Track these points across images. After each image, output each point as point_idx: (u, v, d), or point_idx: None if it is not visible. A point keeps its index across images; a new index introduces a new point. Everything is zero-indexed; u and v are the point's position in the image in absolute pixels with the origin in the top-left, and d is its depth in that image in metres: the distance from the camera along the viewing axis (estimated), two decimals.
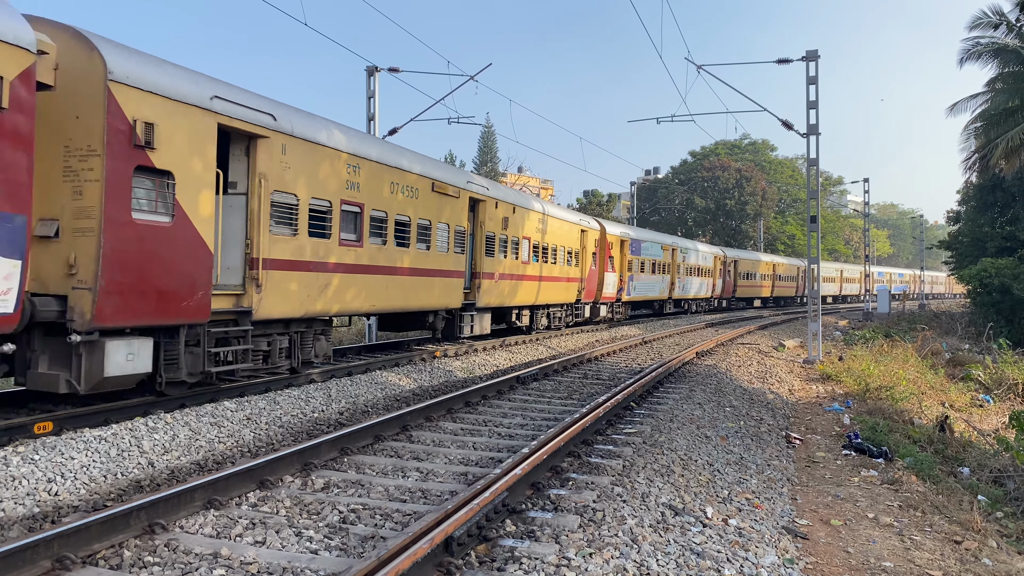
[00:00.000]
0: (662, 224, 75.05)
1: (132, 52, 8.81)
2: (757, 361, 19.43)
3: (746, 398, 13.42)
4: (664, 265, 35.42)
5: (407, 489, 6.82)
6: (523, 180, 66.18)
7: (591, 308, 27.25)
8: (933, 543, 6.55)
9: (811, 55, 20.76)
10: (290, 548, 5.30)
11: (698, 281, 40.89)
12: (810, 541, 6.27)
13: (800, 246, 76.48)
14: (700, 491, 7.00)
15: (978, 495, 8.78)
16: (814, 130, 20.92)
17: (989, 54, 29.19)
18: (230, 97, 10.11)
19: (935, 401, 15.38)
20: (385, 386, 12.57)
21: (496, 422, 10.03)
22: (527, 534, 5.59)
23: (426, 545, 4.81)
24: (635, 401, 11.62)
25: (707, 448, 8.88)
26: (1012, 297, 27.14)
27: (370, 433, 8.53)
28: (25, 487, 6.45)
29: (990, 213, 36.12)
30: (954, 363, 21.23)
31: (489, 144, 68.75)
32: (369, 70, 21.75)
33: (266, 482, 6.69)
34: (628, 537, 5.50)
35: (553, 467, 7.48)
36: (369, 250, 13.33)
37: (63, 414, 8.67)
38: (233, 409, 9.60)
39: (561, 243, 23.36)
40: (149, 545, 5.29)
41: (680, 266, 37.55)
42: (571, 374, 15.14)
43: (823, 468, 9.18)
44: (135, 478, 7.07)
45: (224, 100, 9.92)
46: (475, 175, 18.55)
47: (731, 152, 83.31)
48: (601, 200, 61.71)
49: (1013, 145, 24.78)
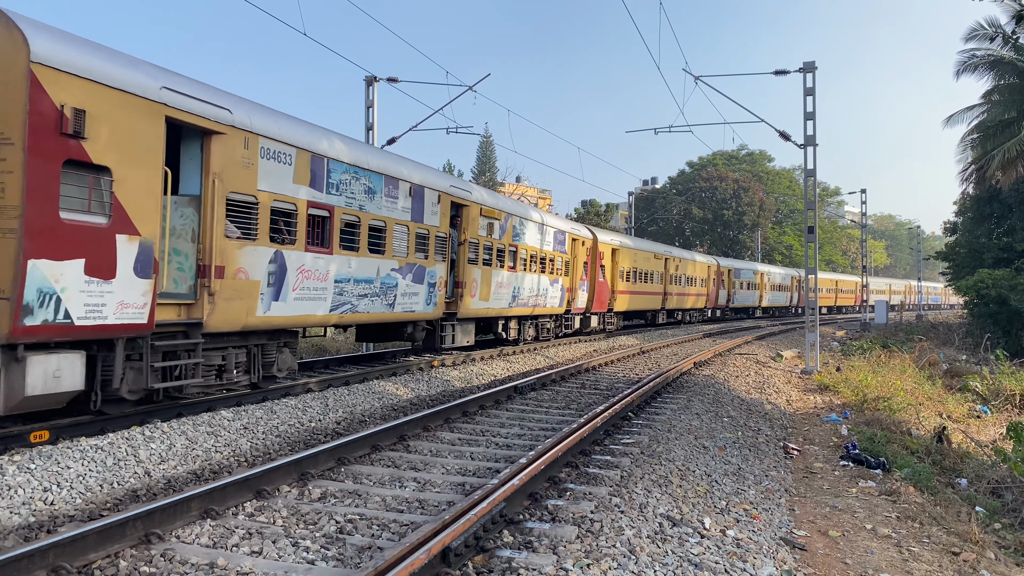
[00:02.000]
0: (660, 234, 75.18)
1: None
2: (755, 371, 19.44)
3: (744, 409, 13.41)
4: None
5: (404, 499, 6.80)
6: (521, 190, 66.30)
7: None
8: (931, 554, 6.54)
9: (808, 66, 20.86)
10: (287, 558, 5.28)
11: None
12: (808, 552, 6.25)
13: (798, 256, 76.65)
14: (698, 502, 6.99)
15: (976, 506, 8.76)
16: (811, 141, 21.00)
17: (985, 66, 29.36)
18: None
19: (933, 412, 15.38)
20: (382, 396, 12.55)
21: (494, 432, 10.01)
22: (525, 545, 5.58)
23: (423, 556, 4.80)
24: (633, 411, 11.61)
25: (705, 459, 8.87)
26: (1009, 308, 27.19)
27: (367, 443, 8.51)
28: (21, 496, 6.42)
29: (987, 224, 36.25)
30: (951, 374, 21.23)
31: (487, 154, 68.96)
32: (368, 80, 21.81)
33: (263, 492, 6.67)
34: (626, 548, 5.49)
35: (551, 477, 7.46)
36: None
37: (59, 423, 8.64)
38: (230, 418, 9.58)
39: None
40: (145, 555, 5.27)
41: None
42: (569, 384, 15.13)
43: (821, 479, 9.17)
44: (131, 487, 7.04)
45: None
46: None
47: (729, 163, 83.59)
48: (599, 210, 61.86)
49: (1010, 157, 24.88)
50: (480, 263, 18.05)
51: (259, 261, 10.58)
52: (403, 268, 14.46)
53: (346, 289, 12.69)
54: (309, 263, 11.70)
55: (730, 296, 46.86)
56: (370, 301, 13.45)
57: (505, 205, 20.10)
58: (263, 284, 10.67)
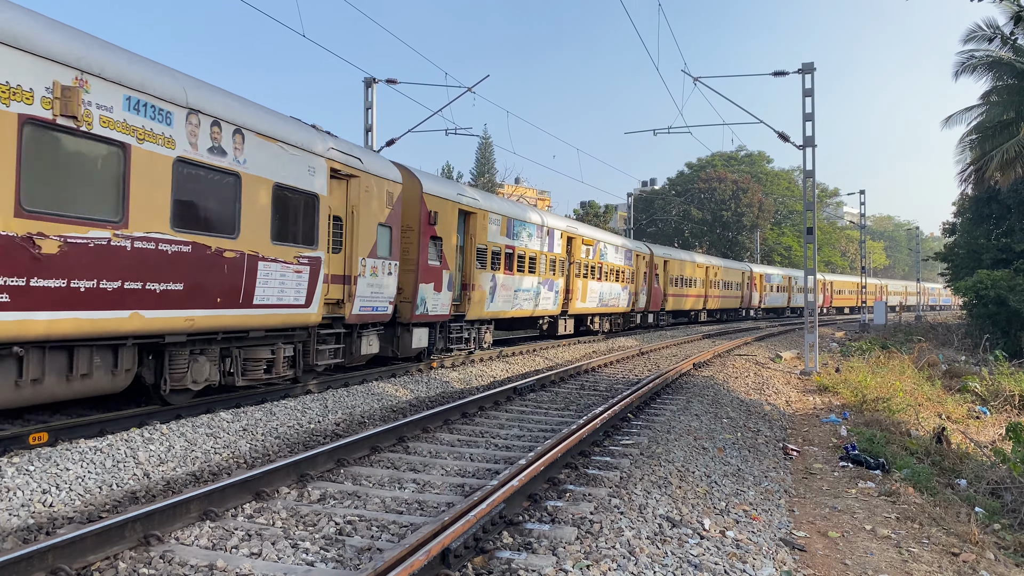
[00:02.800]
0: (659, 236, 75.22)
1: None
2: (754, 372, 19.44)
3: (743, 409, 13.41)
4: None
5: (404, 500, 6.80)
6: (520, 191, 66.31)
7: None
8: (931, 555, 6.54)
9: (807, 67, 20.87)
10: (286, 560, 5.28)
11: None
12: (807, 553, 6.25)
13: (797, 257, 76.71)
14: (697, 503, 6.99)
15: (975, 507, 8.77)
16: (810, 142, 21.01)
17: (984, 67, 29.39)
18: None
19: (932, 413, 15.38)
20: (381, 397, 12.54)
21: (493, 433, 10.01)
22: (524, 546, 5.57)
23: (423, 557, 4.80)
24: (632, 412, 11.61)
25: (704, 460, 8.87)
26: (1008, 309, 27.21)
27: (367, 444, 8.51)
28: (20, 498, 6.41)
29: (986, 225, 36.27)
30: (951, 375, 21.25)
31: (487, 155, 68.90)
32: (367, 81, 21.82)
33: (262, 493, 6.66)
34: (625, 549, 5.48)
35: (550, 478, 7.46)
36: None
37: (58, 424, 8.63)
38: (229, 420, 9.57)
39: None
40: (144, 557, 5.26)
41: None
42: (568, 385, 15.13)
43: (820, 480, 9.17)
44: (130, 489, 7.04)
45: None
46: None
47: (728, 164, 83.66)
48: (598, 211, 61.86)
49: (1008, 157, 24.91)
50: (582, 276, 25.90)
51: (486, 280, 18.66)
52: (544, 282, 22.49)
53: (517, 295, 20.57)
54: (503, 280, 19.67)
55: (762, 298, 52.23)
56: (525, 302, 21.41)
57: (595, 234, 28.30)
58: (488, 293, 18.73)
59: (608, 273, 28.48)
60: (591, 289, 26.70)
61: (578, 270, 25.31)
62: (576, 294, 25.28)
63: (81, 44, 8.02)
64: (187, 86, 9.43)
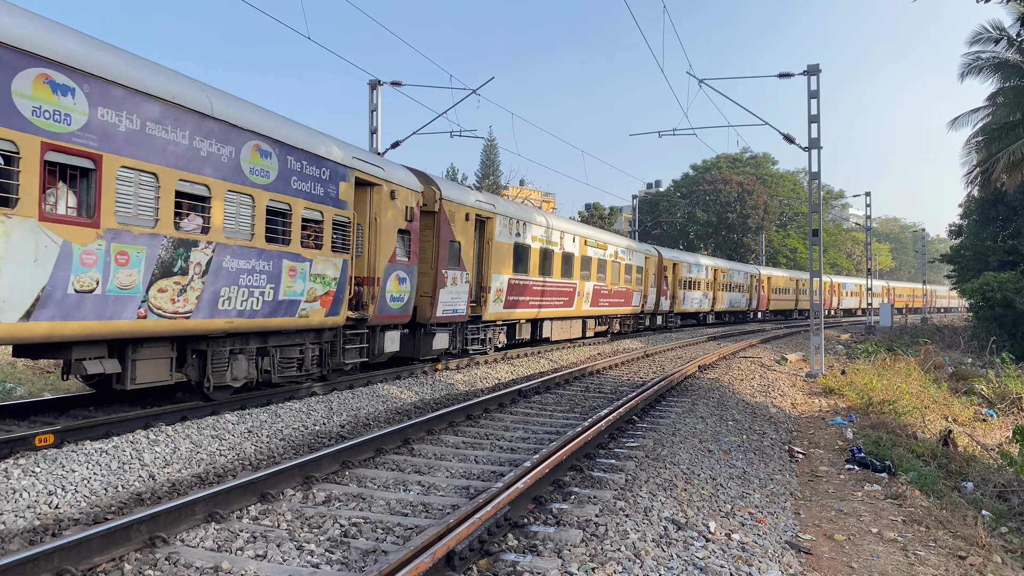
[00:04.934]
0: (664, 237, 75.10)
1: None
2: (759, 375, 19.39)
3: (748, 412, 13.38)
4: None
5: (409, 503, 6.80)
6: (525, 193, 66.28)
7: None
8: (937, 558, 6.51)
9: (812, 69, 20.84)
10: (291, 562, 5.28)
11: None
12: (813, 556, 6.23)
13: (802, 259, 76.51)
14: (703, 505, 6.97)
15: (982, 510, 8.73)
16: (816, 144, 20.97)
17: (990, 68, 29.33)
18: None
19: (938, 415, 15.32)
20: (387, 399, 12.55)
21: (498, 435, 10.00)
22: (529, 548, 5.57)
23: (428, 559, 4.79)
24: (637, 415, 11.59)
25: (710, 462, 8.85)
26: (1015, 311, 27.10)
27: (371, 446, 8.51)
28: (26, 500, 6.43)
29: (992, 227, 36.15)
30: (957, 377, 21.16)
31: (491, 157, 68.83)
32: (372, 84, 21.86)
33: (267, 495, 6.67)
34: (631, 552, 5.47)
35: (555, 481, 7.45)
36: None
37: (64, 426, 8.66)
38: (234, 422, 9.58)
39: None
40: (150, 558, 5.27)
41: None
42: (573, 387, 15.11)
43: (826, 483, 9.14)
44: (136, 491, 7.05)
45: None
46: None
47: (733, 166, 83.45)
48: (603, 213, 61.75)
49: (1015, 159, 24.81)
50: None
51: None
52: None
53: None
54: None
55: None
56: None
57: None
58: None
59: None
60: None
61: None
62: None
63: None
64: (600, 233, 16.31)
